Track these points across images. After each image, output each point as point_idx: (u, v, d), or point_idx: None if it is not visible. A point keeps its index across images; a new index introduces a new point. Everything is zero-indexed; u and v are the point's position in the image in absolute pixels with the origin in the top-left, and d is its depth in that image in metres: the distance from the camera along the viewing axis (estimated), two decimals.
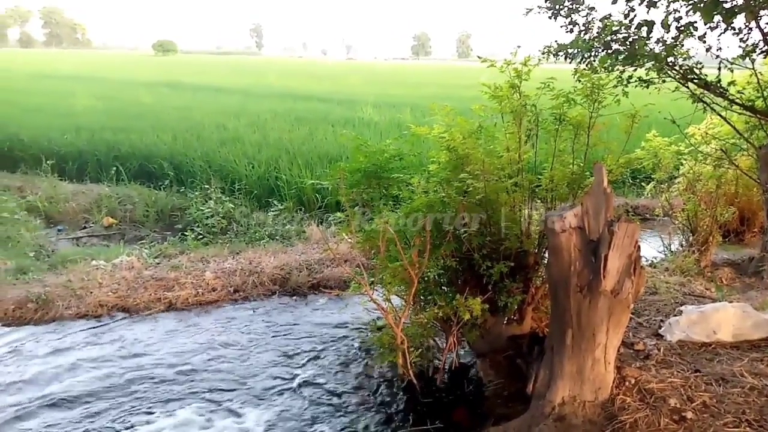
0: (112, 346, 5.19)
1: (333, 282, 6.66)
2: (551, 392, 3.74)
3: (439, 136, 4.23)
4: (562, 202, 4.39)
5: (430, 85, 33.37)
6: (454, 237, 4.21)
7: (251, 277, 6.58)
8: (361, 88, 29.24)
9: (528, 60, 4.27)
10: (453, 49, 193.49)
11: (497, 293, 4.23)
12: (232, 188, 9.88)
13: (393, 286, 4.58)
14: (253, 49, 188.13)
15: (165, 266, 6.71)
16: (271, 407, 4.32)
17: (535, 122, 4.40)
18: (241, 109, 17.71)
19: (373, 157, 4.80)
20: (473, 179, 3.99)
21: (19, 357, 5.00)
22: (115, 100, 19.71)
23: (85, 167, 11.80)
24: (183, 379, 4.67)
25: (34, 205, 9.80)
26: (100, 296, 5.93)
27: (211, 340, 5.34)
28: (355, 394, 4.51)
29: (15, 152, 12.59)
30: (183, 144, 12.05)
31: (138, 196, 9.99)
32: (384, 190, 4.93)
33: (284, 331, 5.60)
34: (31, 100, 19.20)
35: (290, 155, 10.97)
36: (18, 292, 6.00)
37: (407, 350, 4.28)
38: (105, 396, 4.42)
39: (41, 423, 4.10)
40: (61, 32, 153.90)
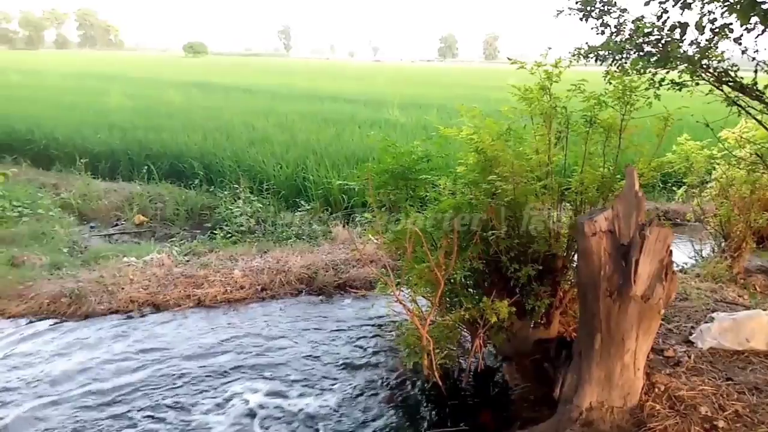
0: (148, 341, 5.30)
1: (359, 282, 6.69)
2: (579, 397, 3.71)
3: (467, 137, 4.22)
4: (592, 205, 4.35)
5: (457, 86, 33.28)
6: (482, 239, 4.20)
7: (278, 276, 6.66)
8: (388, 89, 29.28)
9: (559, 62, 4.24)
10: (480, 50, 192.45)
11: (524, 296, 4.21)
12: (261, 188, 9.99)
13: (419, 287, 4.59)
14: (281, 51, 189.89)
15: (194, 264, 6.82)
16: (295, 405, 4.36)
17: (565, 124, 4.37)
18: (270, 110, 17.89)
19: (401, 158, 4.82)
20: (502, 181, 3.98)
21: (53, 350, 5.13)
22: (146, 100, 20.09)
23: (118, 166, 12.07)
24: (225, 370, 4.79)
25: (68, 202, 10.06)
26: (131, 292, 6.06)
27: (243, 334, 5.45)
28: (380, 394, 4.53)
29: (50, 150, 12.93)
30: (213, 144, 12.23)
31: (168, 195, 10.17)
32: (411, 191, 4.95)
33: (311, 328, 5.65)
34: (66, 99, 19.70)
35: (317, 156, 11.05)
36: (52, 287, 6.16)
37: (433, 351, 4.28)
38: (150, 385, 4.55)
39: (78, 413, 4.21)
40: (95, 34, 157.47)
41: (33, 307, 5.88)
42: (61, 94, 21.52)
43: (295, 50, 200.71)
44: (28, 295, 6.02)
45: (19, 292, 6.09)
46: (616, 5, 6.63)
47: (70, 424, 4.08)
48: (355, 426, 4.13)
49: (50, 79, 30.95)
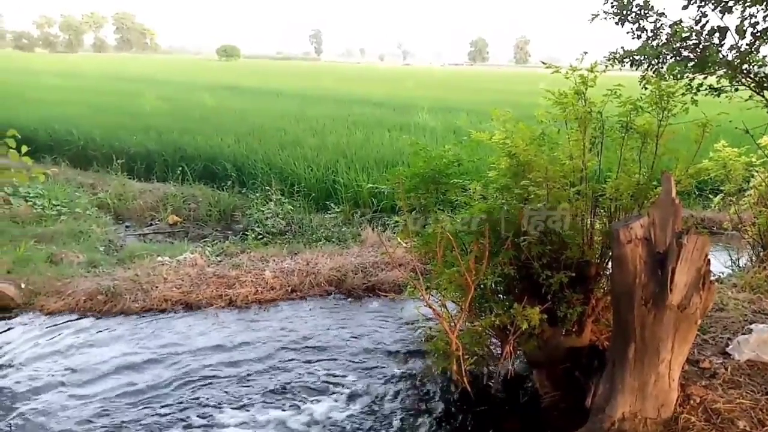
0: (192, 338, 5.45)
1: (387, 285, 6.71)
2: (611, 407, 3.65)
3: (500, 142, 4.20)
4: (627, 212, 4.29)
5: (487, 90, 33.10)
6: (513, 244, 4.17)
7: (308, 278, 6.72)
8: (417, 93, 29.29)
9: (595, 66, 4.20)
10: (510, 54, 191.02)
11: (556, 303, 4.16)
12: (291, 190, 10.10)
13: (449, 291, 4.58)
14: (312, 55, 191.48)
15: (226, 264, 6.93)
16: (322, 406, 4.39)
17: (600, 130, 4.32)
18: (300, 113, 18.08)
19: (432, 162, 4.82)
20: (535, 186, 3.95)
21: (92, 345, 5.27)
22: (180, 103, 20.50)
23: (153, 167, 12.33)
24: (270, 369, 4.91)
25: (105, 201, 10.32)
26: (164, 291, 6.18)
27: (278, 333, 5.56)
28: (407, 397, 4.53)
29: (88, 151, 13.28)
30: (245, 146, 12.41)
31: (202, 196, 10.36)
32: (441, 195, 4.94)
33: (340, 329, 5.68)
34: (104, 101, 20.23)
35: (347, 159, 11.11)
36: (89, 284, 6.32)
37: (462, 357, 4.26)
38: (189, 382, 4.67)
39: (112, 409, 4.32)
40: (132, 37, 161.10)
41: (70, 304, 6.05)
42: (98, 97, 22.09)
43: (325, 54, 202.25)
44: (66, 292, 6.19)
45: (57, 288, 6.27)
46: (654, 9, 6.53)
47: (105, 419, 4.19)
48: (381, 430, 4.14)
49: (89, 81, 31.80)
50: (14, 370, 4.84)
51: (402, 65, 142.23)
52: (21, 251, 7.29)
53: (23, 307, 6.03)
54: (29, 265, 6.85)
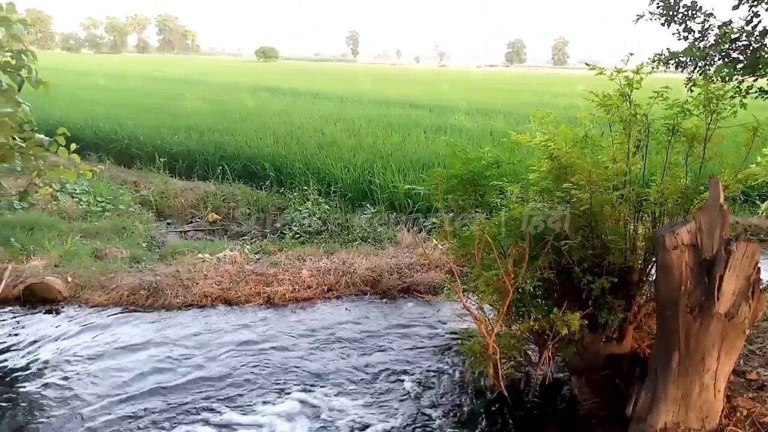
0: (230, 333, 5.59)
1: (423, 287, 6.71)
2: (653, 416, 3.58)
3: (542, 144, 4.15)
4: (672, 217, 4.19)
5: (524, 92, 32.71)
6: (553, 248, 4.12)
7: (344, 277, 6.76)
8: (453, 94, 29.16)
9: (641, 68, 4.11)
10: (548, 56, 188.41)
11: (597, 309, 4.09)
12: (328, 190, 10.18)
13: (486, 294, 4.55)
14: (348, 56, 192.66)
15: (265, 262, 7.03)
16: (357, 406, 4.41)
17: (645, 133, 4.23)
18: (337, 115, 18.19)
19: (470, 163, 4.79)
20: (578, 190, 3.89)
21: (136, 339, 5.43)
22: (221, 103, 20.86)
23: (194, 165, 12.58)
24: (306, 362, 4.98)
25: (147, 199, 10.59)
26: (205, 287, 6.31)
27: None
28: (443, 400, 4.51)
29: (132, 149, 13.65)
30: (283, 147, 12.54)
31: (241, 195, 10.53)
32: (479, 197, 4.92)
33: (376, 330, 5.70)
34: (146, 101, 20.74)
35: (384, 160, 11.13)
36: (132, 279, 6.50)
37: (499, 361, 4.23)
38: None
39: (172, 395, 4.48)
40: (174, 38, 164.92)
41: (114, 298, 6.23)
42: (142, 97, 22.68)
43: (362, 55, 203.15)
44: (110, 286, 6.38)
45: (102, 283, 6.47)
46: (702, 10, 6.36)
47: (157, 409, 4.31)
48: (416, 430, 4.14)
49: (132, 82, 32.68)
50: (60, 361, 5.01)
51: (438, 67, 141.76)
52: (68, 246, 7.54)
53: (69, 300, 6.24)
54: (75, 259, 7.08)
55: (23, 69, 4.67)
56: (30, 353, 5.13)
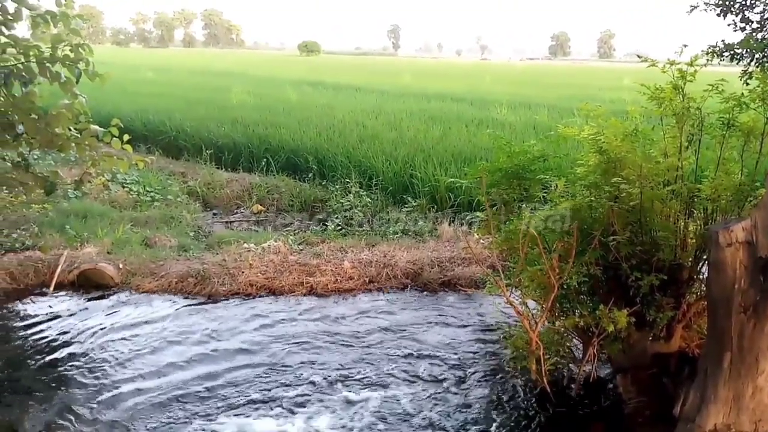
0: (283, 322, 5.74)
1: (464, 281, 6.68)
2: (702, 417, 3.49)
3: (590, 137, 4.08)
4: (725, 214, 4.07)
5: (568, 86, 32.03)
6: (601, 244, 4.05)
7: (385, 270, 6.80)
8: (495, 88, 28.82)
9: (695, 59, 4.00)
10: (593, 49, 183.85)
11: (645, 307, 4.01)
12: (370, 183, 10.24)
13: (530, 290, 4.52)
14: (389, 50, 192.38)
15: (308, 253, 7.13)
16: (395, 401, 4.45)
17: (698, 127, 4.12)
18: (379, 108, 18.22)
19: (515, 157, 4.76)
20: (627, 184, 3.82)
21: (185, 323, 5.60)
22: (265, 97, 21.17)
23: (239, 157, 12.83)
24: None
25: (194, 189, 10.88)
26: (250, 276, 6.45)
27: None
28: (484, 394, 4.51)
29: (180, 141, 14.01)
30: (326, 140, 12.67)
31: (284, 187, 10.70)
32: (524, 191, 4.88)
33: (417, 322, 5.73)
34: (193, 94, 21.21)
35: (425, 153, 11.11)
36: (180, 267, 6.69)
37: (542, 357, 4.19)
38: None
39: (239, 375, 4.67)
40: (219, 33, 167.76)
41: (163, 285, 6.43)
42: (189, 90, 23.21)
43: (403, 49, 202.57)
44: (159, 274, 6.58)
45: (151, 270, 6.68)
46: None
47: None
48: (457, 424, 4.15)
49: (179, 75, 33.46)
50: (114, 344, 5.21)
51: (480, 60, 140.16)
52: (119, 234, 7.82)
53: (121, 286, 6.47)
54: (126, 246, 7.34)
55: (81, 62, 4.86)
56: (83, 336, 5.35)
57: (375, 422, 4.15)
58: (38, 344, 5.22)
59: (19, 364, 4.87)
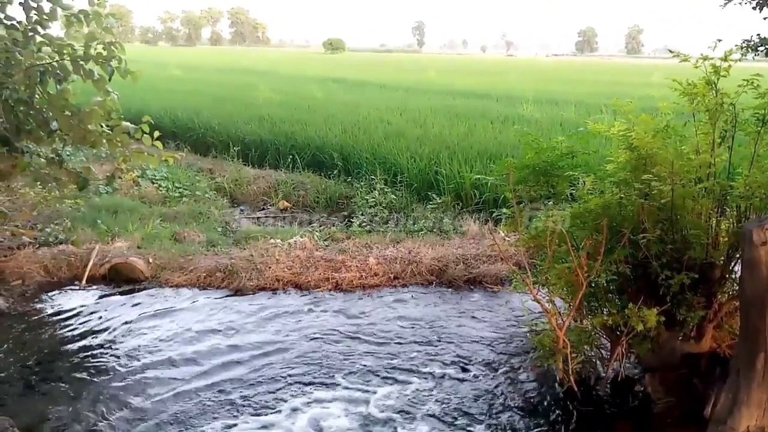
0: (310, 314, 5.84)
1: (489, 278, 6.66)
2: (734, 419, 3.43)
3: (621, 134, 4.03)
4: (759, 212, 3.98)
5: (596, 82, 31.58)
6: (630, 242, 4.00)
7: (410, 266, 6.80)
8: (521, 84, 28.55)
9: (729, 54, 3.91)
10: (621, 44, 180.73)
11: (675, 306, 3.95)
12: (394, 180, 10.23)
13: (558, 287, 4.49)
14: (414, 47, 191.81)
15: (333, 249, 7.17)
16: (428, 393, 4.46)
17: (732, 123, 4.03)
18: (403, 105, 18.20)
19: (543, 153, 4.72)
20: (658, 181, 3.76)
21: (221, 316, 5.71)
22: (290, 94, 21.31)
23: (266, 154, 12.94)
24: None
25: (222, 186, 11.02)
26: (277, 271, 6.52)
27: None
28: (510, 392, 4.48)
29: (208, 138, 14.19)
30: (351, 137, 12.70)
31: (310, 183, 10.77)
32: (551, 188, 4.83)
33: (442, 318, 5.73)
34: (220, 92, 21.46)
35: (450, 150, 11.06)
36: (209, 262, 6.79)
37: (570, 355, 4.16)
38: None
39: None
40: (245, 31, 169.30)
41: (192, 279, 6.53)
42: (216, 88, 23.49)
43: (427, 45, 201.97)
44: (188, 268, 6.69)
45: (180, 264, 6.79)
46: None
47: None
48: (483, 422, 4.14)
49: (207, 73, 33.89)
50: (144, 337, 5.32)
51: (505, 56, 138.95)
52: (149, 229, 7.97)
53: (150, 280, 6.59)
54: (156, 241, 7.47)
55: (113, 59, 4.97)
56: (114, 328, 5.47)
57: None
58: (71, 335, 5.35)
59: (52, 355, 5.00)
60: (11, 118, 5.04)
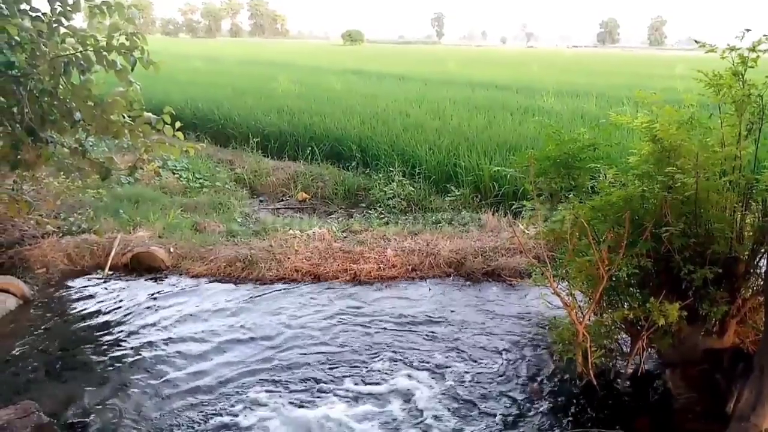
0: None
1: (507, 271, 6.62)
2: (757, 415, 3.39)
3: (644, 125, 3.97)
4: None
5: (617, 74, 31.09)
6: (652, 235, 3.94)
7: (428, 258, 6.80)
8: (541, 76, 28.23)
9: (757, 44, 3.82)
10: (643, 36, 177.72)
11: (698, 301, 3.89)
12: (413, 172, 10.21)
13: (578, 281, 4.45)
14: (433, 38, 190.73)
15: (351, 240, 7.20)
16: (451, 386, 4.46)
17: (759, 115, 3.94)
18: (422, 97, 18.12)
19: (565, 145, 4.67)
20: (682, 174, 3.70)
21: (238, 307, 5.77)
22: (309, 86, 21.31)
23: (285, 146, 12.99)
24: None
25: (241, 177, 11.10)
26: (296, 262, 6.56)
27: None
28: (528, 386, 4.47)
29: (228, 129, 14.28)
30: (369, 128, 12.68)
31: (328, 175, 10.80)
32: (572, 180, 4.79)
33: (461, 311, 5.72)
34: (240, 83, 21.54)
35: (469, 142, 11.00)
36: (229, 252, 6.85)
37: (589, 349, 4.13)
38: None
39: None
40: (264, 23, 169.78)
41: (212, 269, 6.60)
42: (236, 79, 23.58)
43: (446, 37, 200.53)
44: (208, 258, 6.76)
45: (201, 254, 6.86)
46: None
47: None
48: (502, 415, 4.13)
49: (227, 65, 34.04)
50: (165, 325, 5.40)
51: (525, 47, 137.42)
52: (170, 219, 8.06)
53: (171, 270, 6.68)
54: (177, 231, 7.56)
55: (136, 50, 5.01)
56: (136, 316, 5.56)
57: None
58: (93, 323, 5.46)
59: (75, 342, 5.10)
60: (36, 108, 5.12)
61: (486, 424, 4.03)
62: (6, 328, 5.29)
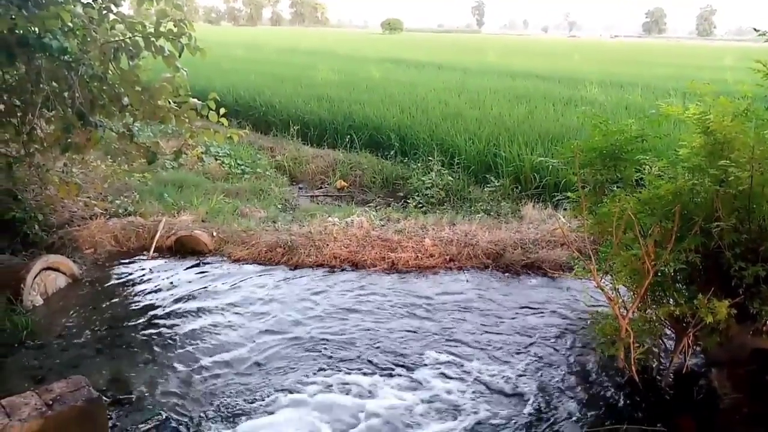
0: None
1: (548, 264, 6.53)
2: None
3: (698, 117, 3.84)
4: None
5: (664, 65, 30.14)
6: (702, 230, 3.83)
7: (466, 249, 6.75)
8: (584, 66, 27.62)
9: None
10: (691, 26, 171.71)
11: (748, 299, 3.77)
12: (452, 162, 10.13)
13: (622, 275, 4.36)
14: (473, 27, 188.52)
15: (389, 229, 7.19)
16: (483, 378, 4.45)
17: None
18: (462, 86, 17.94)
19: (612, 136, 4.58)
20: (736, 168, 3.57)
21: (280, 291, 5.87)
22: (349, 74, 21.35)
23: (324, 134, 13.06)
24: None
25: (282, 164, 11.22)
26: (334, 249, 6.61)
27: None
28: (569, 380, 4.41)
29: (269, 117, 14.44)
30: (408, 117, 12.64)
31: (367, 163, 10.81)
32: (618, 172, 4.69)
33: (500, 303, 5.69)
34: (281, 71, 21.73)
35: (509, 132, 10.84)
36: (270, 237, 6.94)
37: (633, 345, 4.05)
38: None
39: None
40: (305, 11, 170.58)
41: (253, 254, 6.71)
42: (277, 67, 23.80)
43: (487, 26, 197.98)
44: (250, 243, 6.87)
45: (242, 239, 6.98)
46: None
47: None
48: (544, 407, 4.10)
49: (267, 53, 34.36)
50: (211, 302, 5.53)
51: (567, 37, 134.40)
52: (213, 203, 8.21)
53: (214, 253, 6.81)
54: (219, 216, 7.70)
55: (183, 36, 5.10)
56: (180, 297, 5.70)
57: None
58: (140, 302, 5.62)
59: (122, 320, 5.25)
60: (86, 93, 5.27)
61: (523, 413, 4.01)
62: (56, 305, 5.49)
